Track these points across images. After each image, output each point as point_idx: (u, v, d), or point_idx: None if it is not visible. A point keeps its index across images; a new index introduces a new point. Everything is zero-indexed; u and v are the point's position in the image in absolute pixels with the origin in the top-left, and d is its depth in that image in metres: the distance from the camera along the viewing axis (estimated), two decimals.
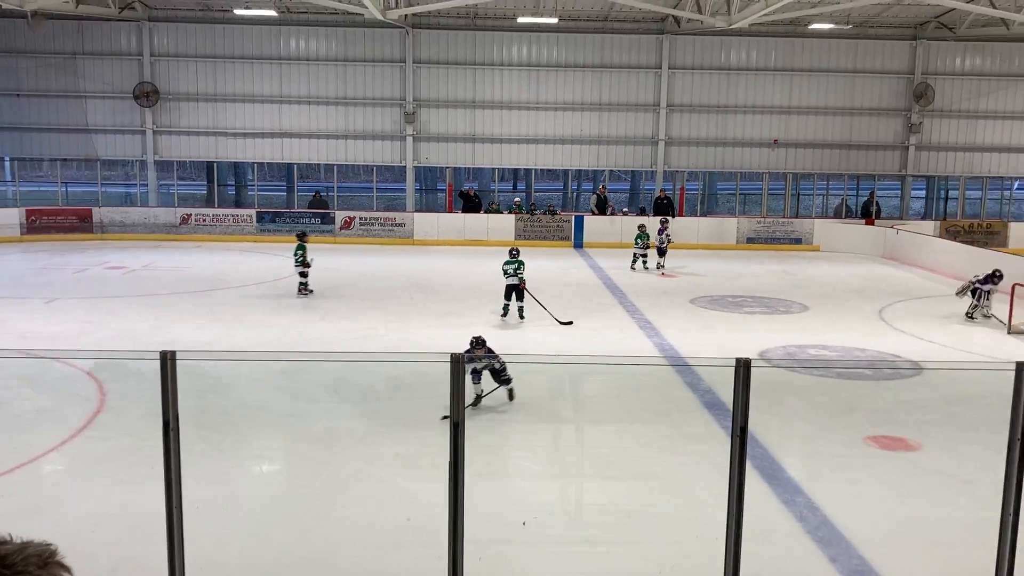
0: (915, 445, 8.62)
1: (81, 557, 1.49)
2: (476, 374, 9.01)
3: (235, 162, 27.48)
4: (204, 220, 25.00)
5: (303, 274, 16.17)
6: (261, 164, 27.41)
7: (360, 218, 25.06)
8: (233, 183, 29.89)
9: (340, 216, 25.10)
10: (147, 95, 25.31)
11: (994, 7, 21.64)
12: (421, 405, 8.95)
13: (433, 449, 6.85)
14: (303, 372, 10.88)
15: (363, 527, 6.61)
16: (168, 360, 3.55)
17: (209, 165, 27.15)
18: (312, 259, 16.34)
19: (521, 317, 13.73)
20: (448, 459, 4.05)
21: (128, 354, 10.92)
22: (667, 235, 20.40)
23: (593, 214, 25.55)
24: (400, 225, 24.79)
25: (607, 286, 18.12)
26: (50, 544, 1.42)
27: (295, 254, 16.23)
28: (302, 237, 16.59)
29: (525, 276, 14.08)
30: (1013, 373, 3.81)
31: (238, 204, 27.84)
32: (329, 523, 6.67)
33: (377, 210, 26.43)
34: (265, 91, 25.50)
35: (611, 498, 7.30)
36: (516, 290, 13.88)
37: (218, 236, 24.60)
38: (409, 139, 25.67)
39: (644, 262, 20.22)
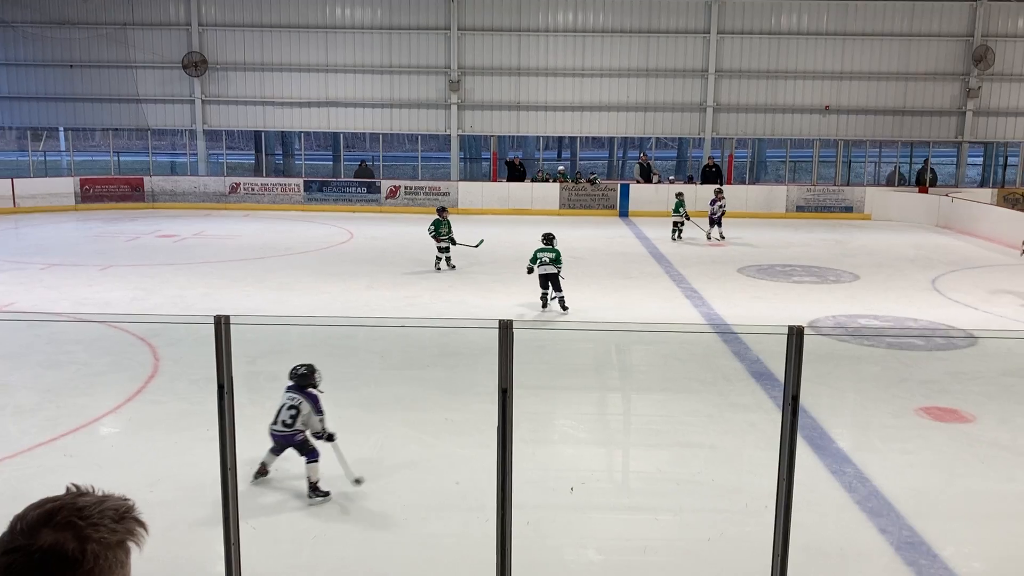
0: (969, 417, 8.45)
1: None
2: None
3: (282, 131, 27.71)
4: (252, 189, 25.29)
5: (444, 248, 15.72)
6: (307, 133, 27.60)
7: (405, 187, 25.15)
8: (280, 152, 30.16)
9: (386, 185, 25.21)
10: (196, 64, 25.58)
11: None
12: (469, 372, 9.01)
13: (480, 416, 6.89)
14: (351, 339, 11.00)
15: (411, 491, 6.70)
16: (222, 324, 3.61)
17: (257, 134, 27.43)
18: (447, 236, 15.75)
19: (564, 308, 12.37)
20: (496, 425, 4.06)
21: (183, 319, 11.13)
22: (720, 205, 19.94)
23: (638, 183, 25.31)
24: (445, 194, 24.82)
25: (653, 255, 17.99)
26: (128, 499, 1.43)
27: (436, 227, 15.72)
28: (441, 212, 16.02)
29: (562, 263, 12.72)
30: None
31: (285, 173, 28.13)
32: (378, 487, 6.76)
33: (422, 179, 26.50)
34: (311, 60, 25.61)
35: (657, 466, 7.30)
36: (553, 279, 12.44)
37: (266, 205, 24.89)
38: (454, 107, 25.62)
39: (679, 233, 19.75)
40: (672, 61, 25.39)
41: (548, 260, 12.47)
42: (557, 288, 12.46)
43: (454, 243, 15.75)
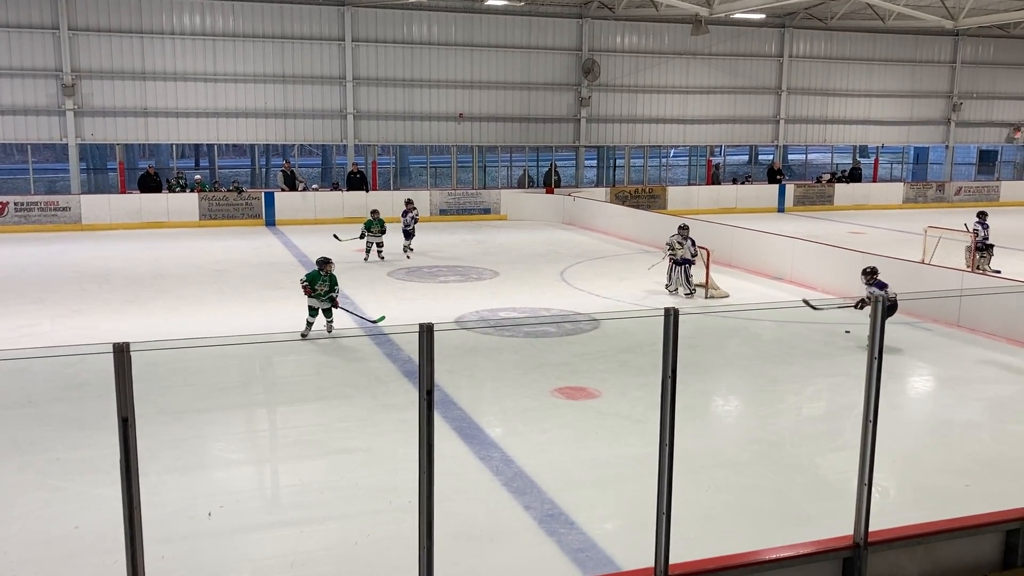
0: (595, 393, 9.36)
1: None
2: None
3: None
4: None
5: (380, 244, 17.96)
6: None
7: (16, 203, 22.31)
8: None
9: None
10: None
11: None
12: (100, 403, 8.19)
13: (112, 450, 6.31)
14: None
15: (32, 544, 5.94)
16: None
17: None
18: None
19: (330, 331, 11.52)
20: (120, 459, 3.73)
21: None
22: (413, 216, 19.16)
23: (283, 191, 24.80)
24: (65, 209, 22.41)
25: (304, 264, 17.71)
26: None
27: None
28: (374, 213, 18.14)
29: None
30: (661, 318, 4.23)
31: None
32: None
33: (36, 194, 23.69)
34: None
35: (311, 477, 7.17)
36: (327, 310, 11.50)
37: None
38: (70, 114, 23.20)
39: (380, 251, 17.99)
40: (310, 68, 25.17)
41: (324, 293, 11.40)
42: (328, 314, 11.51)
43: (382, 234, 17.82)
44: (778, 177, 29.54)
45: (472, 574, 5.65)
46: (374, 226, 17.82)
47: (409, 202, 19.69)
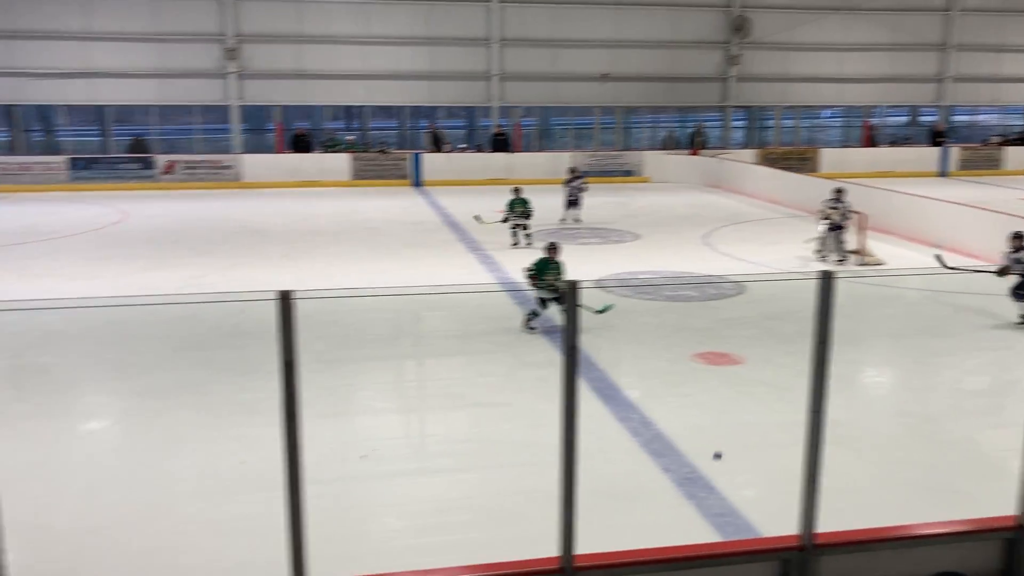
0: (739, 359, 9.17)
1: None
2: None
3: (38, 105, 25.33)
4: (8, 169, 23.02)
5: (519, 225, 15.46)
6: (72, 107, 25.40)
7: (183, 161, 23.78)
8: (40, 129, 27.59)
9: (161, 160, 23.72)
10: None
11: None
12: (260, 351, 8.70)
13: (272, 395, 6.71)
14: (127, 324, 10.31)
15: (199, 476, 6.42)
16: None
17: (8, 109, 24.91)
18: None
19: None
20: (281, 401, 3.95)
21: None
22: (578, 185, 18.09)
23: (429, 152, 25.32)
24: (227, 167, 23.70)
25: (447, 223, 18.11)
26: None
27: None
28: (516, 191, 15.67)
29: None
30: (818, 283, 4.08)
31: (47, 151, 25.76)
32: (163, 475, 6.42)
33: (202, 152, 25.15)
34: (68, 26, 23.51)
35: (455, 428, 7.40)
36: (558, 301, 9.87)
37: (26, 186, 22.75)
38: (232, 77, 24.44)
39: (527, 232, 15.49)
40: (456, 29, 25.48)
41: (551, 281, 10.03)
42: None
43: (528, 216, 15.43)
44: (940, 140, 27.74)
45: (611, 531, 5.70)
46: (517, 206, 15.48)
47: (574, 170, 18.97)
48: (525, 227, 15.44)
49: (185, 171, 23.56)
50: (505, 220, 15.56)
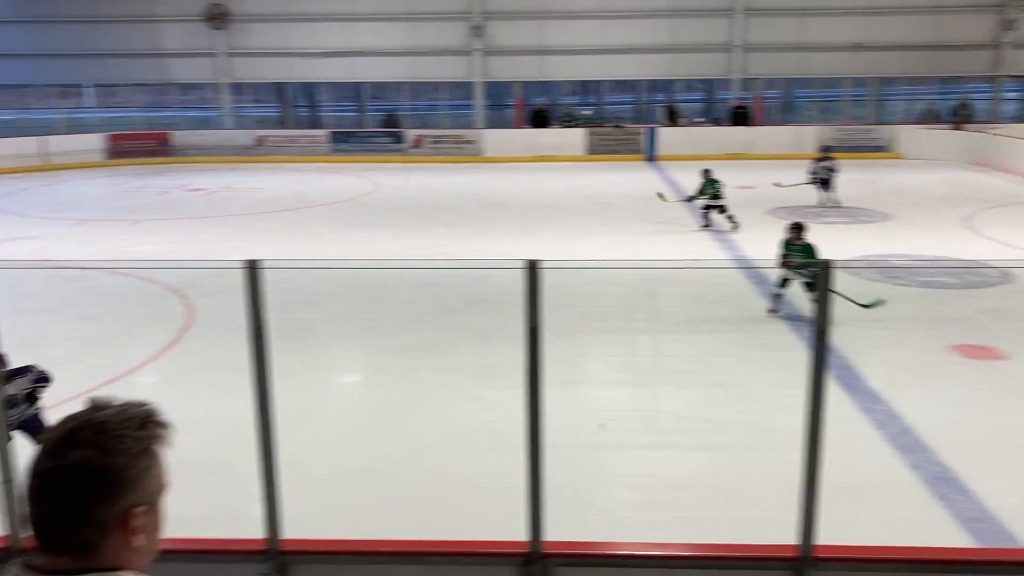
0: (1003, 354, 8.39)
1: (177, 462, 1.53)
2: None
3: (306, 83, 27.62)
4: (279, 142, 25.32)
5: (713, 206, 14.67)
6: (333, 84, 27.48)
7: (430, 136, 25.04)
8: (306, 104, 30.10)
9: (411, 135, 25.12)
10: (218, 17, 25.46)
11: None
12: (498, 318, 9.06)
13: (509, 360, 6.97)
14: (381, 287, 11.08)
15: (444, 432, 6.81)
16: (253, 268, 3.66)
17: (281, 87, 27.35)
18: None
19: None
20: (525, 366, 4.09)
21: (213, 264, 11.26)
22: (826, 166, 16.78)
23: (664, 126, 25.00)
24: (469, 142, 24.68)
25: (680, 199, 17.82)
26: (146, 404, 1.41)
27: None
28: (705, 172, 14.97)
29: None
30: None
31: (311, 125, 28.08)
32: (410, 429, 6.88)
33: (447, 128, 26.37)
34: (332, 9, 25.38)
35: (686, 405, 7.34)
36: (810, 285, 9.15)
37: (292, 157, 24.94)
38: (477, 54, 25.34)
39: (728, 216, 14.57)
40: (698, 1, 24.87)
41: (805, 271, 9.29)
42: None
43: (718, 197, 14.53)
44: None
45: (853, 525, 5.44)
46: (707, 187, 14.68)
47: (826, 149, 17.84)
48: (722, 208, 14.62)
49: (431, 145, 24.82)
50: (691, 200, 15.06)
